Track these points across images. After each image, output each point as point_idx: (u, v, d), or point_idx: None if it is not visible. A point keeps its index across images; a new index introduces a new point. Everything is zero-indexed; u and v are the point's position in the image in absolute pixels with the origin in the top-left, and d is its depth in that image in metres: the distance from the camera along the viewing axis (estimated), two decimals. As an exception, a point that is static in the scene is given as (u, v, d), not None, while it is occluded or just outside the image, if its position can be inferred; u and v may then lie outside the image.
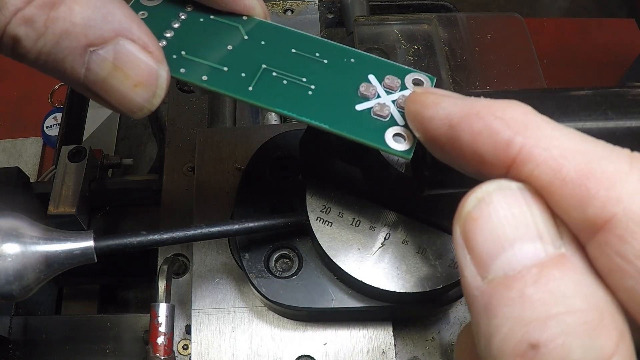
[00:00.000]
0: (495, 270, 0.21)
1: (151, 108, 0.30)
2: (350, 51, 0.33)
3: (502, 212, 0.21)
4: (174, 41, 0.32)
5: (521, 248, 0.21)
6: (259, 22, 0.34)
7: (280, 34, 0.33)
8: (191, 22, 0.33)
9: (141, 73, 0.29)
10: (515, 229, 0.21)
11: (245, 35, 0.33)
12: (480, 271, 0.21)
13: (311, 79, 0.32)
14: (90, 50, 0.27)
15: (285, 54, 0.33)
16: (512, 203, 0.22)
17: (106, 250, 0.36)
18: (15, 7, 0.26)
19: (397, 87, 0.32)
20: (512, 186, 0.22)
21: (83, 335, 0.61)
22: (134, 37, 0.28)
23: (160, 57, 0.29)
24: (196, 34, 0.32)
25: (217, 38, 0.33)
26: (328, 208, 0.40)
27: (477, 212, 0.22)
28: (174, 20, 0.33)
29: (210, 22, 0.33)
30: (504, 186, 0.22)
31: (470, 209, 0.22)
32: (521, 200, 0.22)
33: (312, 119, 0.31)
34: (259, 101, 0.31)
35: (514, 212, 0.21)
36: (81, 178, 0.62)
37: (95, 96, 0.29)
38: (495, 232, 0.21)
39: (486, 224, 0.22)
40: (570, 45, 1.11)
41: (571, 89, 0.34)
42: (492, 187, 0.22)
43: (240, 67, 0.32)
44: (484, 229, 0.22)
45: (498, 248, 0.21)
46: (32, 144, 1.01)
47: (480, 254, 0.21)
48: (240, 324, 0.45)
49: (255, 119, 0.67)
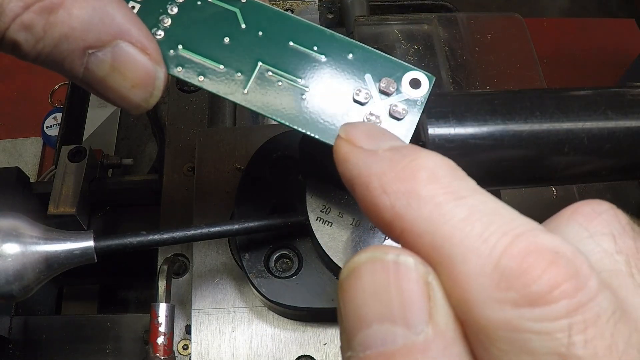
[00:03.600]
0: (354, 347, 0.20)
1: (148, 107, 0.30)
2: (349, 43, 0.33)
3: (366, 288, 0.20)
4: (171, 31, 0.32)
5: (377, 329, 0.19)
6: (258, 5, 0.33)
7: (279, 20, 0.33)
8: (188, 6, 0.32)
9: (138, 75, 0.29)
10: (376, 308, 0.19)
11: (243, 24, 0.33)
12: (347, 344, 0.20)
13: (306, 78, 0.32)
14: (88, 52, 0.28)
15: (282, 47, 0.33)
16: (378, 279, 0.20)
17: (106, 250, 0.36)
18: (14, 12, 0.26)
19: (393, 92, 0.32)
20: (386, 258, 0.20)
21: (83, 335, 0.61)
22: (132, 39, 0.28)
23: (158, 59, 0.29)
24: (194, 22, 0.32)
25: (214, 28, 0.32)
26: (328, 208, 0.40)
27: (346, 284, 0.21)
28: (171, 3, 0.32)
29: (208, 6, 0.33)
30: (376, 258, 0.20)
31: (342, 278, 0.21)
32: (389, 277, 0.20)
33: (304, 129, 0.31)
34: (253, 106, 0.32)
35: (376, 289, 0.20)
36: (81, 178, 0.62)
37: (95, 92, 0.30)
38: (357, 308, 0.20)
39: (351, 298, 0.20)
40: (570, 45, 1.11)
41: (571, 89, 0.34)
42: (364, 258, 0.21)
43: (236, 64, 0.32)
44: (350, 302, 0.20)
45: (358, 325, 0.20)
46: (32, 144, 1.01)
47: (346, 327, 0.20)
48: (240, 324, 0.45)
49: (255, 119, 0.67)
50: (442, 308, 0.19)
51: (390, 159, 0.22)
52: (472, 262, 0.19)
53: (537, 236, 0.19)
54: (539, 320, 0.17)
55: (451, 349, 0.19)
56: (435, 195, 0.21)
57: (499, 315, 0.18)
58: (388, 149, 0.23)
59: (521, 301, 0.18)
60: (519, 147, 0.32)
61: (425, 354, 0.19)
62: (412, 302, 0.19)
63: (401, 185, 0.21)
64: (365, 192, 0.22)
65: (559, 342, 0.17)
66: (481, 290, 0.18)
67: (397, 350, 0.19)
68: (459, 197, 0.20)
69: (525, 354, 0.18)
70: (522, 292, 0.18)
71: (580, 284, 0.18)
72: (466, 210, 0.20)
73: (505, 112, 0.32)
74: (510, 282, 0.18)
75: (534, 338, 0.17)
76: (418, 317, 0.19)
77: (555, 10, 1.40)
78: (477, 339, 0.19)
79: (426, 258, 0.20)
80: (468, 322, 0.19)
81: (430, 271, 0.20)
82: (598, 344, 0.17)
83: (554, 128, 0.32)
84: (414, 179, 0.21)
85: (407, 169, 0.22)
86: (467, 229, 0.19)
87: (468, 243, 0.19)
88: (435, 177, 0.21)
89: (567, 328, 0.17)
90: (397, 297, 0.19)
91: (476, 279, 0.19)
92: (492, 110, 0.32)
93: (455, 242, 0.19)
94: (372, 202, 0.22)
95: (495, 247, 0.19)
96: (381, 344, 0.19)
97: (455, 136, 0.32)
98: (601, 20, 1.25)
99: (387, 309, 0.19)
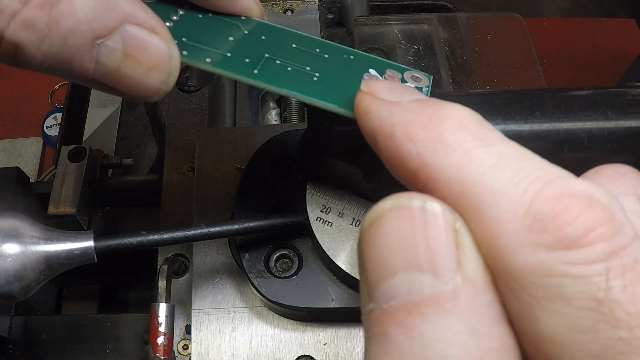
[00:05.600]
0: (377, 299, 0.19)
1: (167, 89, 0.29)
2: (349, 50, 0.34)
3: (391, 236, 0.19)
4: (174, 30, 0.32)
5: (402, 278, 0.18)
6: (258, 23, 0.33)
7: (280, 33, 0.33)
8: (189, 18, 0.32)
9: (153, 56, 0.27)
10: (401, 256, 0.19)
11: (245, 31, 0.33)
12: (368, 296, 0.19)
13: (315, 68, 0.32)
14: (98, 43, 0.26)
15: (286, 47, 0.33)
16: (403, 226, 0.19)
17: (106, 250, 0.36)
18: (12, 9, 0.24)
19: (397, 80, 0.32)
20: (411, 204, 0.19)
21: (83, 335, 0.61)
22: (139, 21, 0.27)
23: (168, 37, 0.28)
24: (196, 26, 0.32)
25: (217, 30, 0.32)
26: (328, 208, 0.40)
27: (368, 234, 0.20)
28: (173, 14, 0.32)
29: (209, 18, 0.33)
30: (401, 205, 0.19)
31: (364, 228, 0.20)
32: (415, 223, 0.19)
33: (321, 99, 0.31)
34: (265, 81, 0.30)
35: (402, 237, 0.19)
36: (81, 178, 0.62)
37: (106, 87, 0.28)
38: (380, 258, 0.19)
39: (374, 247, 0.19)
40: (570, 45, 1.11)
41: (571, 89, 0.34)
42: (387, 205, 0.20)
43: (243, 54, 0.31)
44: (372, 252, 0.19)
45: (381, 275, 0.19)
46: (32, 144, 1.01)
47: (368, 278, 0.19)
48: (240, 324, 0.45)
49: (255, 119, 0.67)
50: (472, 256, 0.19)
51: (416, 108, 0.22)
52: (503, 205, 0.18)
53: (570, 181, 0.18)
54: (575, 263, 0.17)
55: (481, 297, 0.18)
56: (463, 142, 0.20)
57: (532, 260, 0.17)
58: (412, 100, 0.23)
59: (556, 244, 0.17)
60: (519, 147, 0.32)
61: (454, 303, 0.18)
62: (439, 249, 0.18)
63: (427, 132, 0.21)
64: (389, 141, 0.22)
65: (597, 287, 0.16)
66: (513, 235, 0.18)
67: (424, 300, 0.18)
68: (488, 144, 0.20)
69: (559, 300, 0.17)
70: (556, 234, 0.17)
71: (617, 228, 0.17)
72: (496, 156, 0.19)
73: (505, 112, 0.32)
74: (544, 224, 0.17)
75: (569, 282, 0.17)
76: (446, 265, 0.18)
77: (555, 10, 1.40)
78: (508, 287, 0.18)
79: (454, 206, 0.19)
80: (499, 270, 0.18)
81: (458, 218, 0.19)
82: (637, 289, 0.16)
83: (554, 128, 0.32)
84: (440, 126, 0.21)
85: (434, 117, 0.21)
86: (497, 173, 0.19)
87: (498, 187, 0.18)
88: (463, 125, 0.20)
89: (604, 272, 0.17)
90: (424, 244, 0.19)
91: (507, 223, 0.18)
92: (492, 110, 0.32)
93: (485, 187, 0.19)
94: (397, 150, 0.21)
95: (528, 190, 0.18)
96: (406, 294, 0.18)
97: (455, 136, 0.32)
98: (601, 20, 1.25)
99: (413, 257, 0.18)
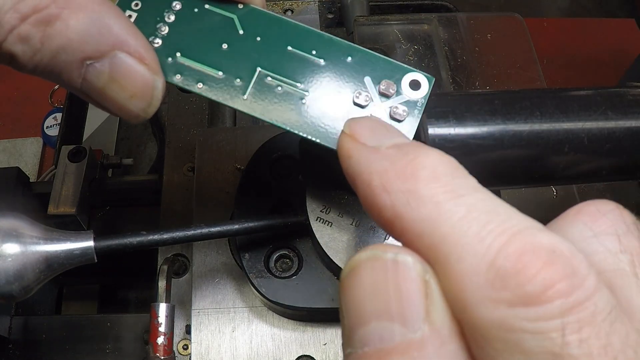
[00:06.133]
0: (354, 344, 0.20)
1: (146, 117, 0.30)
2: (347, 47, 0.33)
3: (365, 286, 0.20)
4: (168, 39, 0.32)
5: (375, 327, 0.19)
6: (256, 12, 0.33)
7: (277, 25, 0.33)
8: (185, 14, 0.33)
9: (137, 85, 0.29)
10: (374, 305, 0.20)
11: (241, 30, 0.33)
12: (347, 340, 0.20)
13: (306, 83, 0.32)
14: (86, 63, 0.28)
15: (280, 52, 0.33)
16: (377, 277, 0.20)
17: (106, 250, 0.36)
18: (11, 25, 0.26)
19: (392, 94, 0.32)
20: (385, 257, 0.20)
21: (83, 335, 0.61)
22: (130, 49, 0.28)
23: (156, 69, 0.29)
24: (191, 30, 0.32)
25: (212, 35, 0.32)
26: (328, 208, 0.40)
27: (346, 282, 0.21)
28: (168, 11, 0.32)
29: (205, 14, 0.33)
30: (376, 257, 0.21)
31: (343, 276, 0.21)
32: (387, 275, 0.20)
33: (305, 133, 0.32)
34: (253, 112, 0.32)
35: (376, 288, 0.20)
36: (81, 178, 0.62)
37: (94, 102, 0.30)
38: (357, 305, 0.20)
39: (351, 296, 0.21)
40: (570, 45, 1.11)
41: (571, 89, 0.34)
42: (364, 256, 0.21)
43: (235, 70, 0.32)
44: (350, 299, 0.21)
45: (357, 322, 0.20)
46: (32, 144, 1.01)
47: (346, 323, 0.20)
48: (240, 324, 0.45)
49: (256, 119, 0.67)
50: (439, 306, 0.19)
51: (392, 156, 0.23)
52: (468, 261, 0.19)
53: (534, 235, 0.19)
54: (532, 320, 0.17)
55: (447, 346, 0.19)
56: (434, 194, 0.21)
57: (494, 315, 0.18)
58: (391, 146, 0.23)
59: (515, 301, 0.18)
60: (519, 147, 0.32)
61: (422, 352, 0.19)
62: (409, 300, 0.19)
63: (401, 184, 0.21)
64: (367, 190, 0.22)
65: (553, 342, 0.17)
66: (476, 290, 0.18)
67: (394, 347, 0.19)
68: (458, 196, 0.20)
69: (519, 354, 0.18)
70: (516, 291, 0.18)
71: (577, 283, 0.18)
72: (464, 209, 0.20)
73: (505, 112, 0.32)
74: (505, 281, 0.18)
75: (528, 338, 0.17)
76: (415, 315, 0.19)
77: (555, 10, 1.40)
78: (473, 337, 0.19)
79: (425, 257, 0.20)
80: (464, 321, 0.19)
81: (428, 270, 0.20)
82: (593, 344, 0.17)
83: (554, 128, 0.32)
84: (414, 177, 0.21)
85: (408, 168, 0.22)
86: (464, 227, 0.19)
87: (464, 242, 0.19)
88: (436, 176, 0.21)
89: (560, 328, 0.17)
90: (395, 295, 0.20)
91: (471, 278, 0.19)
92: (492, 110, 0.32)
93: (452, 241, 0.19)
94: (374, 200, 0.22)
95: (491, 246, 0.19)
96: (379, 341, 0.19)
97: (455, 136, 0.32)
98: (601, 20, 1.24)
99: (385, 307, 0.19)
